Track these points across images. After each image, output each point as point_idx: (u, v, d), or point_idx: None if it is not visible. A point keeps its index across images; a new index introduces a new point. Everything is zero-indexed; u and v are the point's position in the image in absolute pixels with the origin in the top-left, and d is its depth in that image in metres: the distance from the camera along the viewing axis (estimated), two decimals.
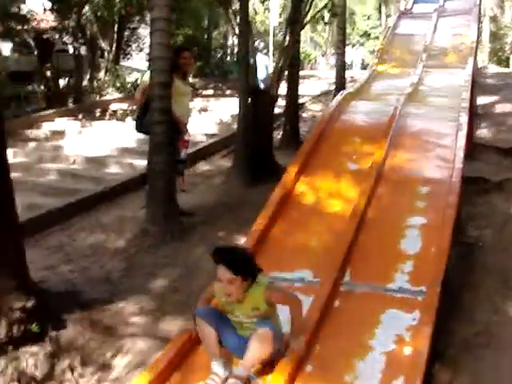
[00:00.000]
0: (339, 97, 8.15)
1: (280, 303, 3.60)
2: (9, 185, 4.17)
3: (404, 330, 3.97)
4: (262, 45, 25.03)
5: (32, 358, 3.87)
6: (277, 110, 9.29)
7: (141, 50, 20.66)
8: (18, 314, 3.95)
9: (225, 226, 6.41)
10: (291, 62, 9.22)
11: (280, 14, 30.69)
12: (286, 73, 9.52)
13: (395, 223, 5.32)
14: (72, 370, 3.96)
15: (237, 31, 8.22)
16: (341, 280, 4.56)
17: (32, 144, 10.92)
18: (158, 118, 6.15)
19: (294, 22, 8.62)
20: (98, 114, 13.54)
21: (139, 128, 6.78)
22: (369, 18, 37.08)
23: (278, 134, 10.11)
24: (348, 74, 15.29)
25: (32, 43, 15.62)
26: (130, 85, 15.64)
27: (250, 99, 7.92)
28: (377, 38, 33.31)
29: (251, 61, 8.12)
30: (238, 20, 8.21)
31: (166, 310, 4.75)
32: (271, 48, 21.75)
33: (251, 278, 3.45)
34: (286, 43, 8.53)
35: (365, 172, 5.98)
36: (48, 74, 15.13)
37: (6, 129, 4.29)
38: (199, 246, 5.94)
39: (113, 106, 14.08)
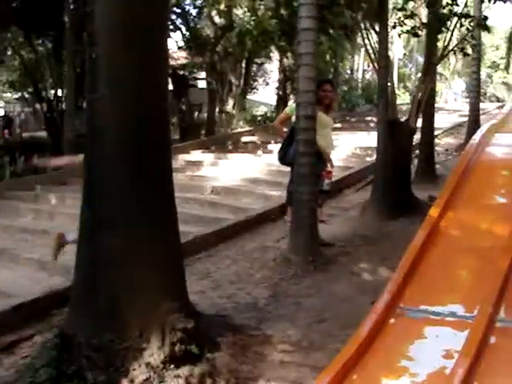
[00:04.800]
0: (483, 128, 7.88)
1: None
2: (174, 212, 4.41)
3: None
4: None
5: (192, 378, 3.99)
6: None
7: (267, 84, 21.18)
8: (180, 334, 4.07)
9: (366, 259, 6.39)
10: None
11: (404, 47, 30.46)
12: None
13: None
14: None
15: (376, 65, 8.20)
16: (495, 316, 4.41)
17: None
18: (303, 150, 6.29)
19: (433, 54, 8.54)
20: (229, 147, 14.00)
21: (283, 159, 6.92)
22: (497, 49, 35.94)
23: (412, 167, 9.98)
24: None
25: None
26: (259, 118, 16.10)
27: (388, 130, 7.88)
28: (506, 68, 32.27)
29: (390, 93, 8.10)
30: (376, 54, 8.20)
31: (314, 340, 4.76)
32: (396, 80, 21.66)
33: None
34: (425, 76, 8.44)
35: None
36: (183, 107, 15.92)
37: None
38: (342, 277, 5.96)
39: (243, 139, 14.53)
